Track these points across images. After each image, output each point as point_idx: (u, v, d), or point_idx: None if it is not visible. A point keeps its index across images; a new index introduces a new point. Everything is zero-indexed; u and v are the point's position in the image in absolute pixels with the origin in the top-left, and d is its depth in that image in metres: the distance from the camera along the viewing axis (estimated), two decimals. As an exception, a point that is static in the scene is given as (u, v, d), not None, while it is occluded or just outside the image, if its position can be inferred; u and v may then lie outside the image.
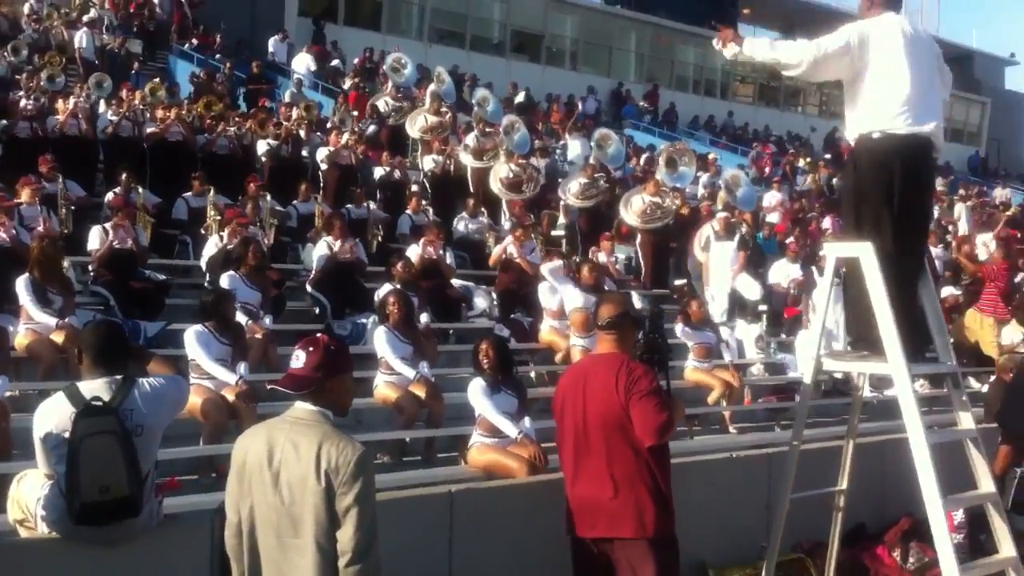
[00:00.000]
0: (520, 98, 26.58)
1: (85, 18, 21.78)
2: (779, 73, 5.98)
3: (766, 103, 41.21)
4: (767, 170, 25.73)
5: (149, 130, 13.63)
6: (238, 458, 3.82)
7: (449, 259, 11.92)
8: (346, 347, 4.21)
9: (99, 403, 4.54)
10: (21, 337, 8.14)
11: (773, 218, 17.78)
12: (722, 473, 7.11)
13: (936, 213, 18.85)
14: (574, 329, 10.39)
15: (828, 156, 28.22)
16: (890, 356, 5.41)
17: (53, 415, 4.61)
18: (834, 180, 22.44)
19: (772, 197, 19.81)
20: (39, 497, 4.81)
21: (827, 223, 17.55)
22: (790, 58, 5.59)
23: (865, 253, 5.51)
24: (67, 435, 4.51)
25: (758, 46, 5.78)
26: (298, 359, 3.78)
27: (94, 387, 4.61)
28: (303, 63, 24.82)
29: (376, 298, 10.22)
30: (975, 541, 7.16)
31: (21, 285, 8.29)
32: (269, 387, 4.02)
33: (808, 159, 26.36)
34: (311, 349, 3.78)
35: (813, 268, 12.92)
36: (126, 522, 4.66)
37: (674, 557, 5.02)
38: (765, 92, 41.83)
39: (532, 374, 10.51)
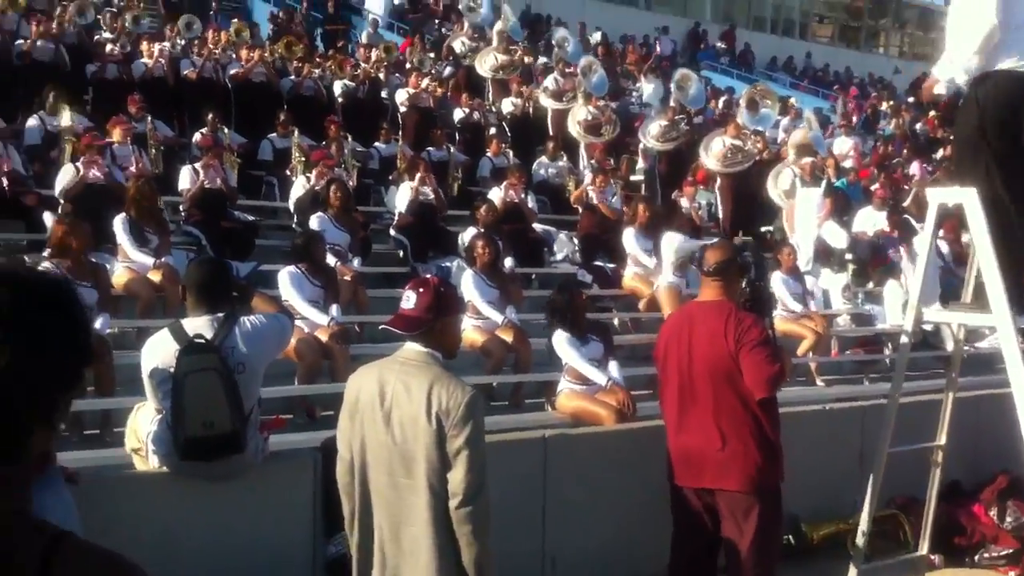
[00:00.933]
0: (596, 38, 26.18)
1: (165, -43, 21.84)
2: (860, 12, 5.67)
3: (846, 44, 40.20)
4: (854, 118, 24.93)
5: (232, 71, 13.68)
6: (350, 396, 3.85)
7: (531, 203, 11.88)
8: (455, 289, 4.24)
9: (202, 340, 4.64)
10: (119, 275, 8.29)
11: (847, 164, 17.38)
12: (814, 426, 7.07)
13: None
14: (662, 305, 10.15)
15: (911, 100, 27.49)
16: (995, 307, 5.27)
17: (159, 351, 4.73)
18: (918, 125, 21.92)
19: (844, 143, 19.35)
20: (149, 431, 4.95)
21: (914, 169, 17.14)
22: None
23: (969, 199, 5.35)
24: (172, 371, 4.62)
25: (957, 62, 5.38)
26: (409, 300, 3.79)
27: (197, 324, 4.71)
28: (382, 1, 24.71)
29: (461, 242, 10.27)
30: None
31: (118, 224, 8.44)
32: (381, 327, 4.04)
33: (891, 102, 25.71)
34: (422, 290, 3.78)
35: (905, 216, 12.64)
36: (232, 458, 4.77)
37: (778, 508, 5.02)
38: (845, 32, 40.84)
39: (616, 321, 10.48)
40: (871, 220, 13.36)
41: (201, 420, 4.58)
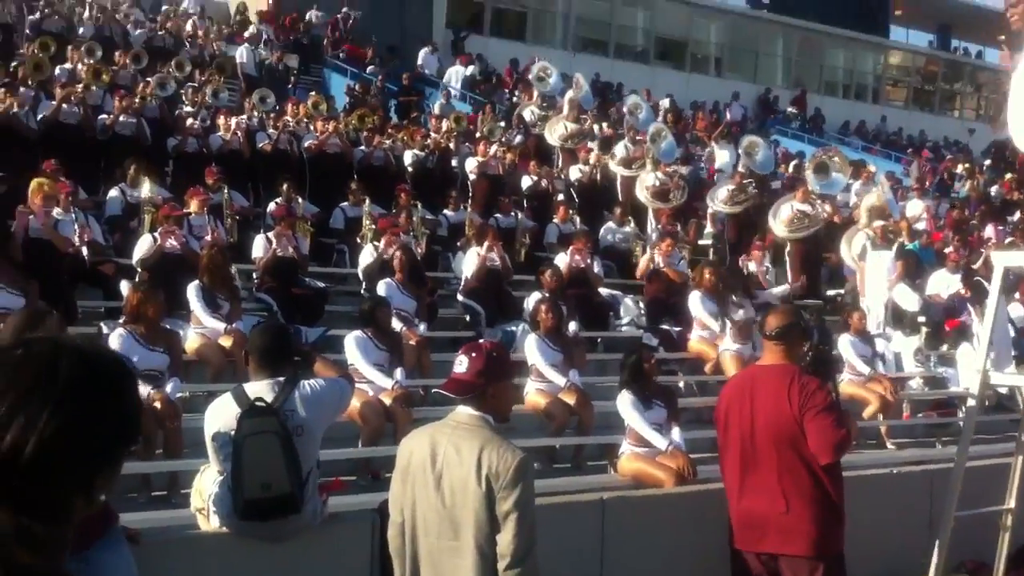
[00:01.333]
0: (665, 105, 26.39)
1: (245, 34, 22.65)
2: (935, 76, 5.70)
3: (920, 107, 39.85)
4: (927, 181, 24.64)
5: (308, 143, 14.07)
6: (402, 459, 3.91)
7: (597, 268, 11.95)
8: (507, 353, 4.29)
9: (262, 404, 4.75)
10: (191, 341, 8.54)
11: (919, 226, 17.17)
12: (882, 489, 6.95)
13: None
14: (732, 336, 10.27)
15: (988, 162, 27.10)
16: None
17: (221, 415, 4.86)
18: (994, 187, 21.59)
19: (916, 206, 19.11)
20: (211, 493, 5.07)
21: (989, 231, 16.86)
22: None
23: (1033, 263, 5.30)
24: (232, 434, 4.74)
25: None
26: (461, 364, 3.85)
27: (258, 388, 4.83)
28: (457, 73, 25.28)
29: (526, 307, 10.36)
30: None
31: (191, 291, 8.71)
32: (434, 391, 4.12)
33: (967, 165, 25.37)
34: (474, 355, 3.84)
35: (978, 279, 12.44)
36: (289, 519, 4.85)
37: (842, 573, 4.94)
38: (919, 96, 40.49)
39: (681, 383, 10.44)
40: (945, 283, 13.18)
41: (260, 482, 4.67)
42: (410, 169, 14.87)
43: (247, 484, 4.71)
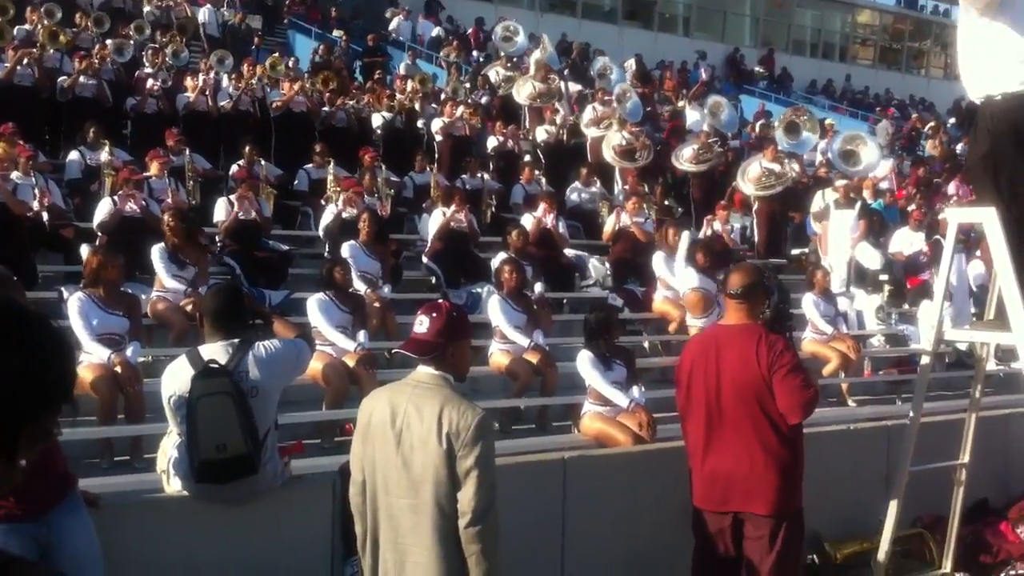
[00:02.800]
0: (631, 65, 26.28)
1: (207, -5, 22.32)
2: (902, 34, 5.75)
3: (887, 66, 39.95)
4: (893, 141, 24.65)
5: (275, 103, 13.93)
6: (363, 419, 3.93)
7: (562, 228, 11.98)
8: (466, 314, 4.32)
9: (215, 365, 4.74)
10: (153, 303, 8.49)
11: (884, 185, 17.26)
12: (839, 445, 7.03)
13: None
14: (690, 310, 10.32)
15: (953, 120, 27.24)
16: (1015, 326, 5.27)
17: (177, 377, 4.84)
18: (960, 145, 21.71)
19: (883, 165, 19.19)
20: (170, 456, 5.07)
21: (952, 189, 17.00)
22: None
23: (988, 219, 5.36)
24: (187, 396, 4.73)
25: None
26: (421, 324, 3.88)
27: (212, 350, 4.82)
28: (427, 29, 25.08)
29: (492, 268, 10.37)
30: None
31: (155, 253, 8.64)
32: (393, 352, 4.11)
33: (932, 123, 25.48)
34: (434, 315, 3.87)
35: (938, 237, 12.55)
36: (247, 480, 4.84)
37: (800, 531, 5.02)
38: (886, 54, 40.56)
39: (646, 344, 10.51)
40: (908, 241, 13.30)
41: (214, 443, 4.66)
42: (378, 131, 14.78)
43: (202, 445, 4.70)
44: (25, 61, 12.55)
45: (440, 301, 4.21)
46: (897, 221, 14.53)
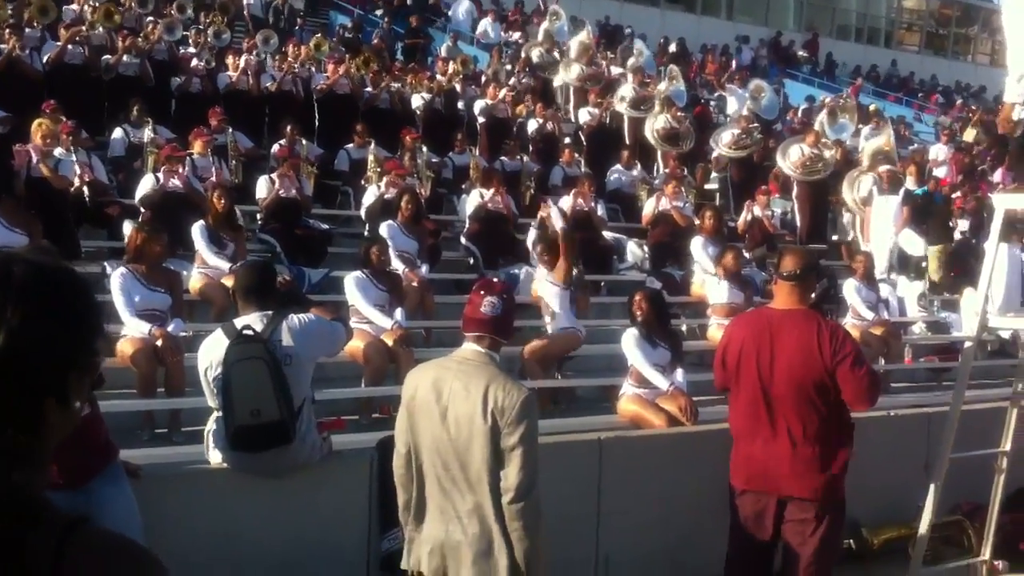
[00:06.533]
0: (673, 49, 26.14)
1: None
2: (948, 19, 5.70)
3: (933, 52, 39.39)
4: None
5: (319, 84, 13.99)
6: (407, 393, 3.95)
7: (600, 211, 11.95)
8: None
9: (250, 332, 4.80)
10: (195, 280, 8.57)
11: (940, 172, 17.06)
12: (879, 432, 6.94)
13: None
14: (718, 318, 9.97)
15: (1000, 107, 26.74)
16: (1062, 314, 5.19)
17: (213, 349, 4.92)
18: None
19: (939, 150, 18.97)
20: (209, 430, 5.14)
21: (998, 176, 16.74)
22: None
23: (1037, 205, 5.28)
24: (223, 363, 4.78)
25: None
26: (495, 307, 3.87)
27: (247, 320, 4.90)
28: (465, 10, 25.02)
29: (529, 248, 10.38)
30: None
31: (196, 231, 8.71)
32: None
33: (974, 109, 25.08)
34: (504, 296, 3.93)
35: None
36: (283, 451, 4.88)
37: (842, 518, 4.97)
38: (932, 40, 39.99)
39: (683, 327, 10.45)
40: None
41: (249, 408, 4.71)
42: (419, 112, 14.79)
43: (237, 411, 4.76)
44: (77, 39, 12.68)
45: (494, 280, 4.24)
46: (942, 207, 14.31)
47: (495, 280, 4.22)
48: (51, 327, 1.40)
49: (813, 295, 5.08)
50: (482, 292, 3.92)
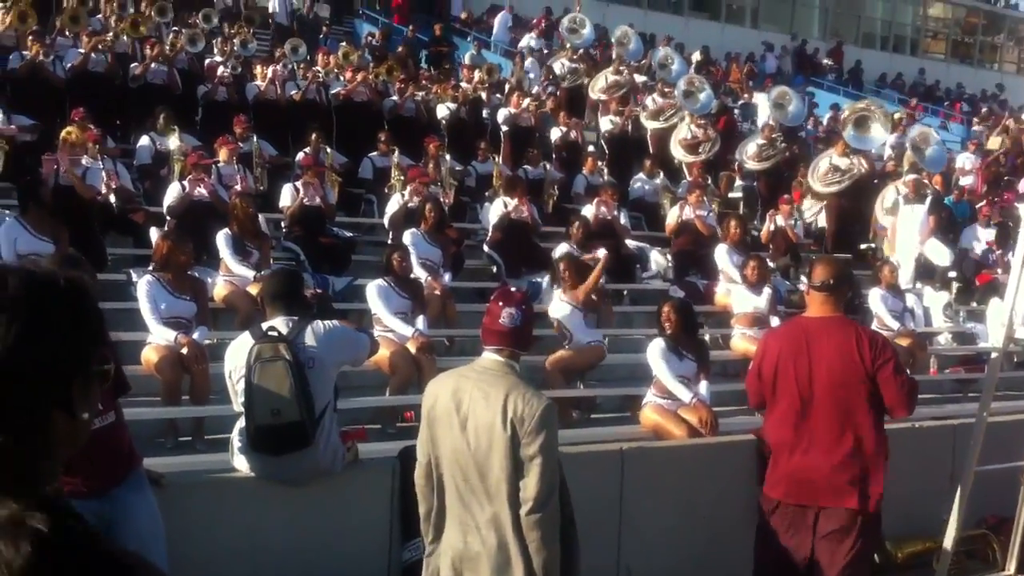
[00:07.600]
0: (697, 57, 26.07)
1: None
2: (975, 28, 5.66)
3: (960, 60, 39.12)
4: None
5: (336, 90, 14.05)
6: (427, 403, 3.95)
7: (623, 219, 11.94)
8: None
9: (274, 333, 4.85)
10: (220, 288, 8.63)
11: (966, 181, 16.92)
12: (903, 443, 6.85)
13: None
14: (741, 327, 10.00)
15: (1025, 116, 26.53)
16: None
17: (239, 352, 4.95)
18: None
19: (966, 159, 18.80)
20: (234, 436, 5.16)
21: (1022, 186, 16.61)
22: None
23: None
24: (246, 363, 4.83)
25: None
26: (513, 318, 3.85)
27: (273, 323, 4.95)
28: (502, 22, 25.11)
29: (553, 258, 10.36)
30: None
31: (221, 239, 8.77)
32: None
33: (998, 117, 24.86)
34: (524, 307, 3.91)
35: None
36: (303, 456, 4.90)
37: (878, 530, 4.94)
38: (959, 48, 39.73)
39: (707, 337, 10.40)
40: (977, 237, 13.02)
41: (270, 408, 4.75)
42: (444, 121, 14.83)
43: (258, 410, 4.80)
44: (100, 47, 12.79)
45: (513, 290, 4.23)
46: (968, 217, 14.23)
47: (514, 290, 4.20)
48: (48, 338, 1.40)
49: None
50: (501, 303, 3.91)
